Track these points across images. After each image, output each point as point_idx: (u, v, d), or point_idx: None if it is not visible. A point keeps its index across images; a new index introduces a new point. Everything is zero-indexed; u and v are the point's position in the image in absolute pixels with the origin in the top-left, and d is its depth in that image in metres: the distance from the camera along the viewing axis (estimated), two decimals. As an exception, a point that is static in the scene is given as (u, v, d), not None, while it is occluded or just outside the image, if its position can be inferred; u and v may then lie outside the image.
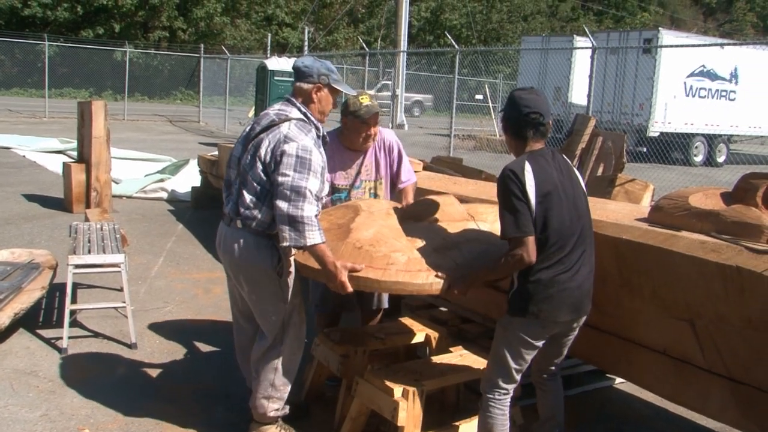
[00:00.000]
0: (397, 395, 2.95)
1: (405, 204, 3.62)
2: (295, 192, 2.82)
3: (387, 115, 18.08)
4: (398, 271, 2.81)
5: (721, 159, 19.01)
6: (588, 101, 10.37)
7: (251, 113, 18.23)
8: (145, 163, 11.66)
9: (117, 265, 4.38)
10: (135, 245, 6.56)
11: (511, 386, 2.82)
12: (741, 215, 2.84)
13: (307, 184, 2.84)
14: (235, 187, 3.06)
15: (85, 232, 4.89)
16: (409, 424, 2.93)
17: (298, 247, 2.88)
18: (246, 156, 3.01)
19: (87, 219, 5.94)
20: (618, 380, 4.03)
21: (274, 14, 35.09)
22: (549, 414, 3.07)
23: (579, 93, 16.06)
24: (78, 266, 4.28)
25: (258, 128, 3.03)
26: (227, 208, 3.09)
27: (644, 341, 2.99)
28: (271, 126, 2.98)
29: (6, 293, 4.34)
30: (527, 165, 2.67)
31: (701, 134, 18.32)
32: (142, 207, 8.76)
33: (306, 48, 22.88)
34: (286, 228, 2.81)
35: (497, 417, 2.80)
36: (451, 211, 3.31)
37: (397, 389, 2.96)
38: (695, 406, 2.96)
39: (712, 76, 18.21)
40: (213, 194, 8.31)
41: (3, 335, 4.24)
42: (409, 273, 2.82)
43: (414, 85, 26.22)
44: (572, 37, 19.81)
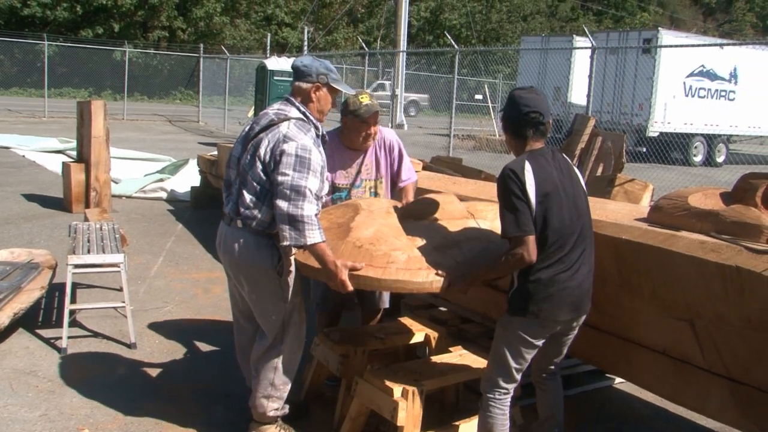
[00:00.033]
0: (397, 395, 2.95)
1: (405, 202, 3.62)
2: (295, 191, 2.82)
3: (386, 115, 18.08)
4: (398, 270, 2.81)
5: (721, 159, 19.02)
6: (587, 101, 10.37)
7: (251, 113, 18.21)
8: (145, 163, 11.65)
9: (116, 265, 4.38)
10: (134, 245, 6.55)
11: (512, 386, 2.82)
12: (740, 215, 2.84)
13: (307, 183, 2.84)
14: (235, 187, 3.06)
15: (85, 232, 4.89)
16: (409, 424, 2.93)
17: (299, 246, 2.88)
18: (245, 156, 3.01)
19: (86, 219, 5.93)
20: (617, 380, 4.03)
21: (274, 14, 35.08)
22: (548, 413, 3.07)
23: (578, 93, 16.07)
24: (77, 266, 4.28)
25: (257, 128, 3.02)
26: (227, 208, 3.09)
27: (644, 341, 2.99)
28: (271, 125, 2.98)
29: (5, 293, 4.34)
30: (527, 164, 2.67)
31: (701, 134, 18.33)
32: (142, 207, 8.75)
33: (305, 48, 22.89)
34: (286, 227, 2.81)
35: (497, 417, 2.80)
36: (451, 209, 3.31)
37: (397, 389, 2.96)
38: (695, 406, 2.96)
39: (712, 76, 18.22)
40: (212, 194, 8.31)
41: (2, 335, 4.23)
42: (410, 271, 2.81)
43: (410, 85, 26.10)
44: (572, 37, 19.81)
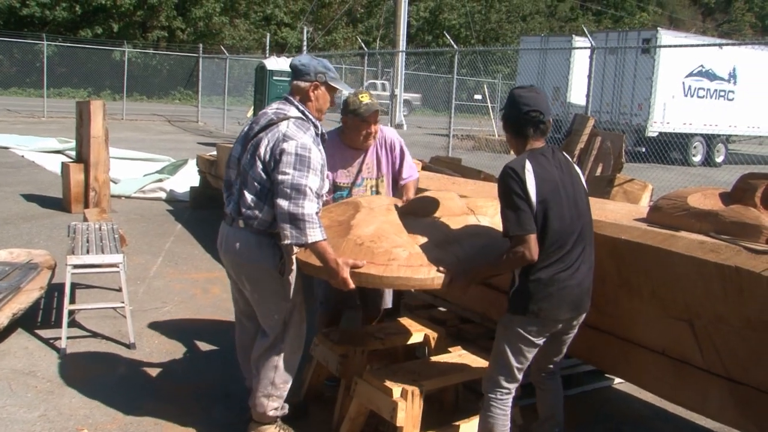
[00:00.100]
0: (396, 395, 2.95)
1: (405, 199, 3.62)
2: (295, 190, 2.82)
3: (384, 115, 18.07)
4: (400, 267, 2.82)
5: (720, 159, 19.03)
6: (587, 101, 10.38)
7: (250, 113, 18.21)
8: (144, 163, 11.65)
9: (115, 265, 4.38)
10: (133, 245, 6.55)
11: (513, 385, 2.82)
12: (740, 215, 2.85)
13: (307, 182, 2.85)
14: (236, 187, 3.06)
15: (84, 232, 4.88)
16: (408, 425, 2.92)
17: (300, 245, 2.88)
18: (245, 156, 3.02)
19: (85, 219, 5.93)
20: (617, 380, 4.03)
21: (273, 14, 35.08)
22: (548, 413, 3.07)
23: (578, 93, 16.07)
24: (76, 266, 4.28)
25: (257, 127, 3.03)
26: (229, 209, 3.09)
27: (643, 341, 2.99)
28: (270, 125, 2.99)
29: (4, 293, 4.33)
30: (528, 163, 2.68)
31: (700, 134, 18.33)
32: (141, 207, 8.75)
33: (305, 48, 22.88)
34: (287, 226, 2.81)
35: (498, 417, 2.80)
36: (452, 206, 3.31)
37: (396, 389, 2.96)
38: (694, 406, 2.96)
39: (711, 76, 18.22)
40: (211, 194, 8.31)
41: (1, 335, 4.23)
42: (411, 268, 2.82)
43: (404, 85, 25.97)
44: (571, 37, 19.82)
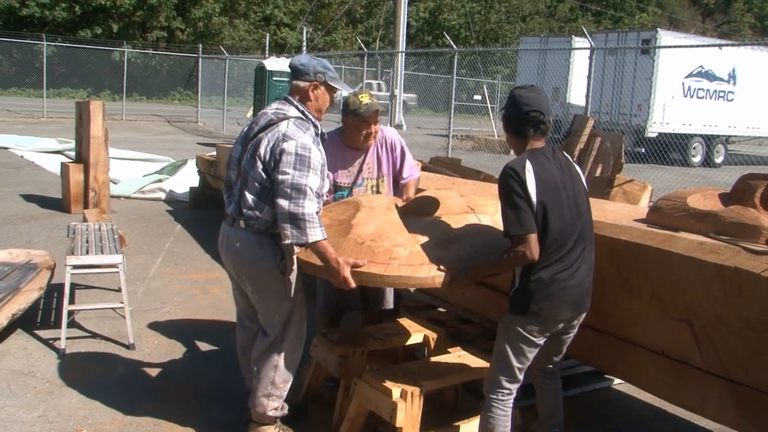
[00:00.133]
0: (396, 396, 2.95)
1: (406, 198, 3.62)
2: (296, 189, 2.83)
3: (383, 116, 18.07)
4: (401, 266, 2.82)
5: (719, 160, 19.03)
6: (586, 102, 10.37)
7: (249, 113, 18.21)
8: (144, 164, 11.64)
9: (115, 266, 4.38)
10: (133, 246, 6.55)
11: (514, 386, 2.82)
12: (739, 216, 2.84)
13: (307, 182, 2.85)
14: (237, 188, 3.07)
15: (83, 233, 4.88)
16: (408, 425, 2.92)
17: (300, 245, 2.88)
18: (246, 156, 3.02)
19: (85, 219, 5.93)
20: (616, 381, 4.03)
21: (273, 14, 35.07)
22: (548, 413, 3.07)
23: (577, 93, 16.05)
24: (76, 267, 4.27)
25: (256, 128, 3.03)
26: (229, 209, 3.09)
27: (643, 342, 2.99)
28: (270, 125, 2.99)
29: (4, 294, 4.33)
30: (528, 163, 2.68)
31: (699, 135, 18.33)
32: (140, 207, 8.74)
33: (304, 48, 22.88)
34: (288, 226, 2.81)
35: (499, 418, 2.80)
36: (452, 205, 3.31)
37: (396, 390, 2.96)
38: (694, 407, 2.96)
39: (711, 77, 18.22)
40: (211, 194, 8.30)
41: (1, 336, 4.23)
42: (412, 267, 2.82)
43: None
44: (570, 38, 19.81)
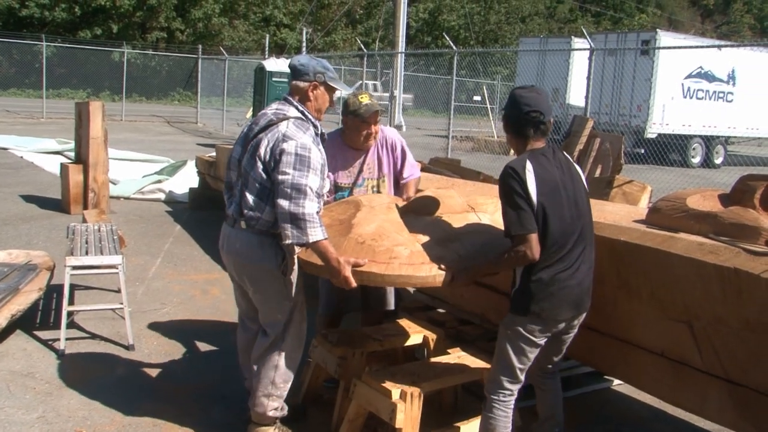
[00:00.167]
0: (395, 397, 2.94)
1: (406, 197, 3.63)
2: (296, 190, 2.83)
3: (383, 116, 18.06)
4: (401, 265, 2.82)
5: (719, 160, 19.04)
6: (586, 103, 10.38)
7: (249, 114, 18.22)
8: (143, 164, 11.64)
9: (114, 267, 4.37)
10: (132, 246, 6.54)
11: (515, 387, 2.82)
12: (739, 217, 2.85)
13: (307, 182, 2.85)
14: (238, 189, 3.07)
15: (83, 234, 4.88)
16: (407, 426, 2.92)
17: (301, 245, 2.89)
18: (246, 156, 3.03)
19: (84, 220, 5.92)
20: (616, 382, 4.02)
21: (272, 15, 35.09)
22: (549, 413, 3.08)
23: (577, 94, 16.08)
24: (75, 267, 4.27)
25: (256, 128, 3.04)
26: (230, 210, 3.09)
27: (642, 343, 2.99)
28: (270, 125, 2.99)
29: (3, 294, 4.33)
30: (528, 163, 2.68)
31: (699, 136, 18.34)
32: (140, 208, 8.74)
33: (304, 49, 22.87)
34: (288, 226, 2.82)
35: (500, 419, 2.80)
36: (452, 204, 3.32)
37: (395, 391, 2.96)
38: (693, 408, 2.95)
39: (710, 78, 18.24)
40: (211, 195, 8.30)
41: (0, 337, 4.23)
42: (413, 266, 2.82)
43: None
44: (570, 39, 19.81)
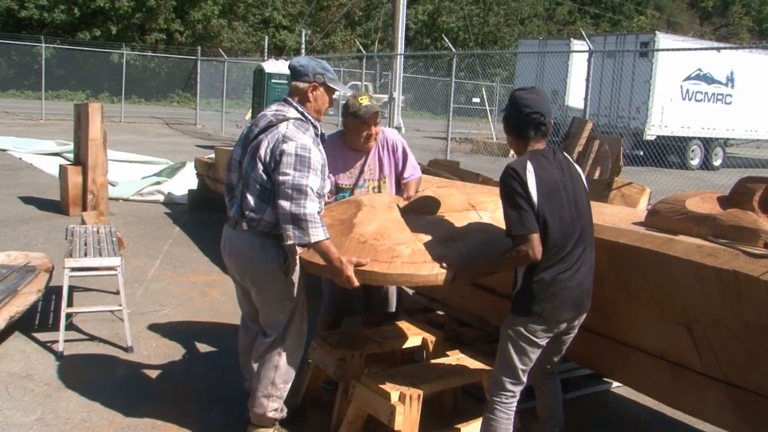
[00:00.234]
0: (394, 399, 2.94)
1: (406, 196, 3.63)
2: (297, 190, 2.83)
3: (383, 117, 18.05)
4: (403, 264, 2.83)
5: (718, 162, 19.06)
6: (585, 104, 10.38)
7: (248, 116, 18.23)
8: (142, 166, 11.63)
9: (113, 268, 4.37)
10: (131, 248, 6.54)
11: (518, 388, 2.82)
12: (738, 219, 2.85)
13: (308, 182, 2.86)
14: (239, 190, 3.08)
15: (82, 235, 4.88)
16: (406, 429, 2.92)
17: (303, 245, 2.89)
18: (246, 158, 3.03)
19: (83, 222, 5.92)
20: (615, 384, 4.02)
21: (272, 17, 35.10)
22: (549, 414, 3.08)
23: (576, 96, 16.10)
24: (74, 269, 4.27)
25: (256, 130, 3.05)
26: (232, 211, 3.10)
27: (641, 345, 2.99)
28: (270, 126, 3.00)
29: (1, 296, 4.32)
30: (529, 164, 2.69)
31: (698, 138, 18.37)
32: (139, 210, 8.74)
33: (303, 51, 22.88)
34: (290, 226, 2.82)
35: (502, 421, 2.80)
36: (453, 202, 3.32)
37: (394, 393, 2.95)
38: (692, 410, 2.96)
39: (709, 80, 18.26)
40: (210, 197, 8.29)
41: (-2, 338, 4.23)
42: (415, 265, 2.83)
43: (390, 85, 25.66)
44: (569, 41, 19.83)
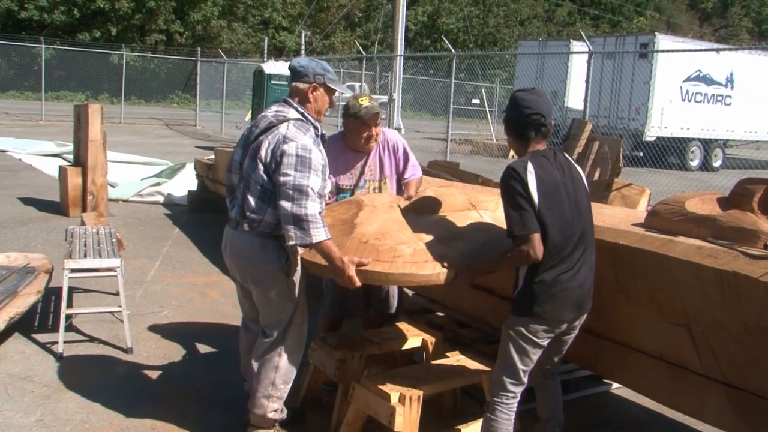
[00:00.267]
0: (394, 400, 2.94)
1: (407, 196, 3.63)
2: (298, 191, 2.84)
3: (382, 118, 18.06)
4: (405, 263, 2.83)
5: (717, 163, 19.07)
6: (584, 106, 10.39)
7: (248, 117, 18.23)
8: (142, 167, 11.63)
9: (113, 270, 4.37)
10: (131, 249, 6.54)
11: (519, 389, 2.82)
12: (737, 220, 2.85)
13: (309, 183, 2.86)
14: (240, 191, 3.08)
15: (81, 236, 4.87)
16: (406, 430, 2.92)
17: (304, 245, 2.89)
18: (247, 159, 3.03)
19: (83, 223, 5.92)
20: (615, 385, 4.02)
21: (271, 18, 35.13)
22: (549, 414, 3.09)
23: (575, 97, 16.10)
24: (74, 270, 4.27)
25: (257, 131, 3.05)
26: (233, 213, 3.10)
27: (641, 346, 2.99)
28: (270, 127, 3.00)
29: (1, 297, 4.32)
30: (529, 165, 2.70)
31: (697, 139, 18.39)
32: (139, 211, 8.74)
33: (303, 52, 22.89)
34: (291, 227, 2.83)
35: (503, 421, 2.80)
36: (453, 202, 3.33)
37: (394, 394, 2.95)
38: (692, 412, 2.95)
39: (708, 81, 18.27)
40: (209, 198, 8.30)
41: (-2, 340, 4.23)
42: (416, 264, 2.84)
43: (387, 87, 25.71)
44: (569, 42, 19.85)
